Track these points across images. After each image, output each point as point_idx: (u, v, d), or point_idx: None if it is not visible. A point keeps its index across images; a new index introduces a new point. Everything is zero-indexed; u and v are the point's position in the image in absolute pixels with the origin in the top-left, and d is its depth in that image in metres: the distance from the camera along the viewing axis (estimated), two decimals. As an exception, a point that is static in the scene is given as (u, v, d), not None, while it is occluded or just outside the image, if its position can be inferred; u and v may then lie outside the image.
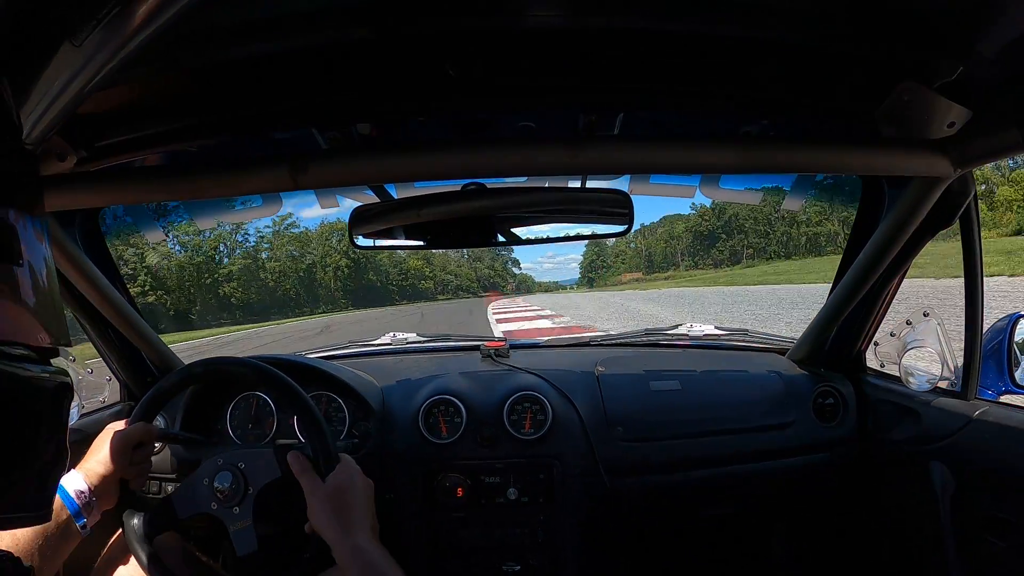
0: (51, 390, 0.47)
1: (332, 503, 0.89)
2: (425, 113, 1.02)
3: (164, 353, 1.45)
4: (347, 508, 0.89)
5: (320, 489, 0.91)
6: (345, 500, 0.90)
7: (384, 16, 0.75)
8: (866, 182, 1.34)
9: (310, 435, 0.98)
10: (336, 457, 0.96)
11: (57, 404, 0.48)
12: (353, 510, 0.89)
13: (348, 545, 0.85)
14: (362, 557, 0.83)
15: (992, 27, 0.70)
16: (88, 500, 0.94)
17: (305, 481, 0.92)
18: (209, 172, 0.89)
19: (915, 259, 1.27)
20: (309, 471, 0.93)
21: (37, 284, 0.46)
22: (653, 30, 0.80)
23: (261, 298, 59.40)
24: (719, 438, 1.44)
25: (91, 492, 0.95)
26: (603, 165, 0.92)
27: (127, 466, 0.99)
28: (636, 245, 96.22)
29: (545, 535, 1.38)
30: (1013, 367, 1.24)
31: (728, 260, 76.64)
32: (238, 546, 0.96)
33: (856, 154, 0.92)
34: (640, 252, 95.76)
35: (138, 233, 1.45)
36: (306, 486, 0.92)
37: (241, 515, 0.97)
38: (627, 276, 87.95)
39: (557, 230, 1.31)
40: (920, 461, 1.24)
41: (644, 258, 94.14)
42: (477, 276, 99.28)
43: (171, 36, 0.53)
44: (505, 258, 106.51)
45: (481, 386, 1.46)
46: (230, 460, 0.99)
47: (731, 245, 79.18)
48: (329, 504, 0.89)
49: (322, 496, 0.90)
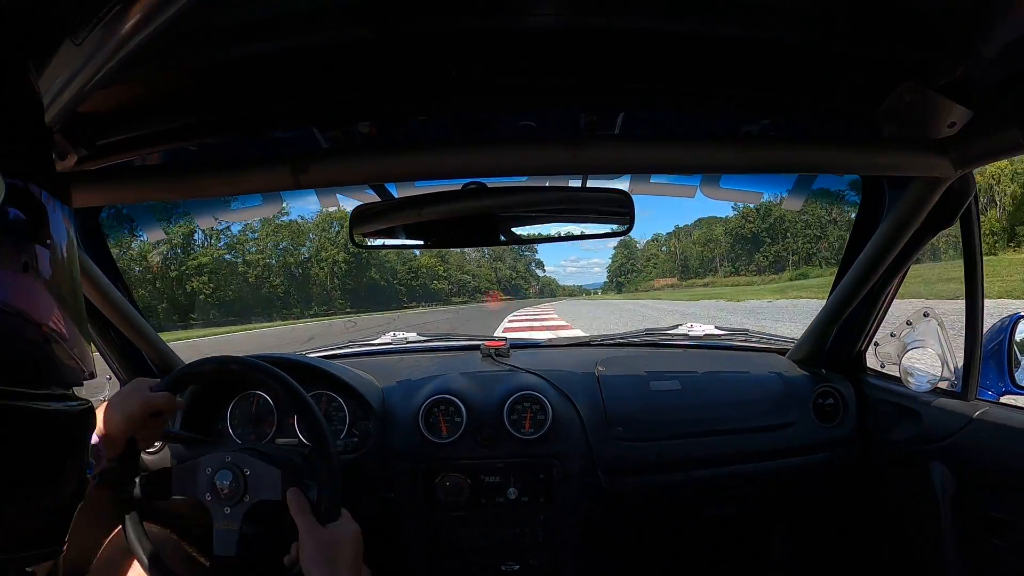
0: (76, 419, 0.46)
1: (326, 550, 0.89)
2: (426, 113, 1.02)
3: (164, 352, 1.45)
4: (339, 559, 0.89)
5: (316, 533, 0.90)
6: (339, 551, 0.89)
7: (385, 16, 0.75)
8: (867, 182, 1.34)
9: (321, 481, 0.96)
10: (339, 510, 0.95)
11: (81, 434, 0.47)
12: (345, 561, 0.89)
13: None
14: None
15: (993, 27, 0.70)
16: (98, 447, 0.94)
17: (301, 522, 0.91)
18: (210, 171, 0.89)
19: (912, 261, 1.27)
20: (307, 513, 0.92)
21: (61, 271, 0.46)
22: (654, 30, 0.80)
23: (240, 296, 51.24)
24: (719, 438, 1.44)
25: (102, 440, 0.95)
26: (604, 165, 0.92)
27: (141, 428, 0.99)
28: (669, 248, 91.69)
29: (545, 535, 1.38)
30: (1013, 368, 1.24)
31: (771, 267, 70.49)
32: (217, 544, 0.96)
33: (857, 154, 0.92)
34: (674, 256, 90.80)
35: (138, 232, 1.45)
36: (302, 526, 0.91)
37: (230, 517, 0.96)
38: (660, 282, 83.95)
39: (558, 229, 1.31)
40: (920, 461, 1.24)
41: (679, 263, 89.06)
42: (497, 277, 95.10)
43: (171, 35, 0.53)
44: (528, 259, 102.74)
45: (481, 386, 1.46)
46: (237, 462, 0.98)
47: (776, 250, 71.85)
48: (322, 550, 0.89)
49: (317, 540, 0.89)
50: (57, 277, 0.44)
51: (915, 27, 0.75)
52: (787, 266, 69.06)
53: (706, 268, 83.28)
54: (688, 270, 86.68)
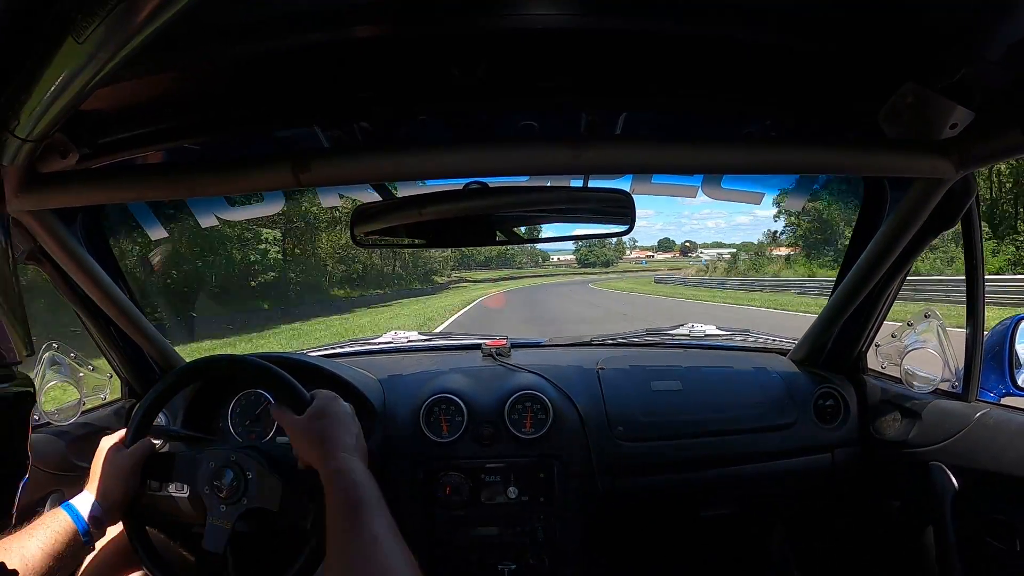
0: (10, 401, 0.46)
1: (311, 432, 0.90)
2: (428, 112, 1.02)
3: (166, 351, 1.45)
4: (327, 434, 0.89)
5: (298, 422, 0.92)
6: (323, 426, 0.90)
7: (387, 16, 0.75)
8: (868, 183, 1.34)
9: (276, 389, 0.99)
10: (306, 396, 0.97)
11: (17, 415, 0.47)
12: (333, 434, 0.89)
13: (328, 470, 0.84)
14: (343, 479, 0.82)
15: (995, 29, 0.70)
16: (99, 519, 0.94)
17: (286, 421, 0.93)
18: (212, 170, 0.89)
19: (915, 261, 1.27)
20: (288, 412, 0.94)
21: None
22: (655, 31, 0.80)
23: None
24: (719, 438, 1.44)
25: (102, 512, 0.94)
26: (605, 165, 0.92)
27: (137, 488, 0.99)
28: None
29: (545, 534, 1.38)
30: (1014, 369, 1.24)
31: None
32: (207, 539, 0.96)
33: (858, 155, 0.92)
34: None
35: (141, 230, 1.45)
36: (287, 425, 0.93)
37: (225, 515, 0.96)
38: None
39: (559, 229, 1.32)
40: (920, 463, 1.24)
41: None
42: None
43: (173, 33, 0.53)
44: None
45: (482, 385, 1.46)
46: (240, 462, 0.97)
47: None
48: (308, 433, 0.90)
49: (301, 427, 0.91)
50: None
51: (917, 29, 0.75)
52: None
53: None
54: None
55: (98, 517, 0.94)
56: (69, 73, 0.55)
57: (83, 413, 1.33)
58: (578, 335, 1.92)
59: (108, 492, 0.96)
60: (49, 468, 1.26)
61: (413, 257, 43.17)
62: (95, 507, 0.94)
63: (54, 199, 0.89)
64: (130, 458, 0.99)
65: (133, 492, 0.98)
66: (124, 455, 0.99)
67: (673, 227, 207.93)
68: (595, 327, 12.79)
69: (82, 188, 0.89)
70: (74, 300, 1.26)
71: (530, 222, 1.22)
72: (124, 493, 0.97)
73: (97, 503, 0.94)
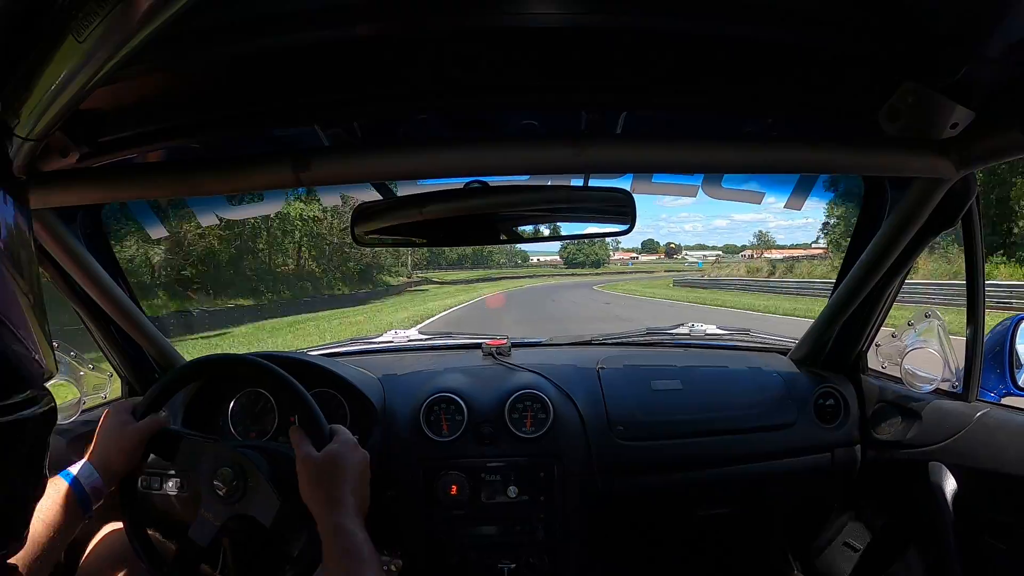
0: (40, 422, 0.45)
1: (320, 476, 0.89)
2: (428, 111, 1.02)
3: (165, 350, 1.45)
4: (335, 482, 0.88)
5: (311, 460, 0.90)
6: (334, 474, 0.89)
7: (388, 14, 0.75)
8: (868, 182, 1.33)
9: (299, 412, 0.98)
10: (326, 431, 0.95)
11: (41, 436, 0.47)
12: (341, 485, 0.88)
13: (331, 523, 0.84)
14: (343, 539, 0.82)
15: (996, 28, 0.70)
16: (97, 487, 0.94)
17: (300, 451, 0.92)
18: (211, 169, 0.89)
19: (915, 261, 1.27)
20: (306, 442, 0.93)
21: (20, 267, 0.45)
22: (656, 29, 0.80)
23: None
24: (720, 438, 1.44)
25: (101, 481, 0.95)
26: (606, 164, 0.92)
27: (138, 461, 0.99)
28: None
29: (545, 533, 1.38)
30: (1015, 369, 1.24)
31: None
32: (195, 530, 0.96)
33: (859, 154, 0.92)
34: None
35: (141, 229, 1.45)
36: (299, 456, 0.91)
37: (217, 512, 0.96)
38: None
39: (559, 228, 1.32)
40: (920, 462, 1.24)
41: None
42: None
43: (174, 32, 0.53)
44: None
45: (482, 384, 1.46)
46: (244, 464, 0.96)
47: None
48: (316, 477, 0.89)
49: (313, 467, 0.90)
50: (15, 274, 0.44)
51: (918, 28, 0.75)
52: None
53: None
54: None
55: (98, 487, 0.94)
56: (69, 72, 0.55)
57: (83, 412, 1.33)
58: (578, 335, 1.92)
59: (109, 463, 0.96)
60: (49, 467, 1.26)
61: (337, 248, 29.03)
62: (95, 477, 0.94)
63: (54, 198, 0.89)
64: (137, 433, 0.99)
65: (133, 465, 0.98)
66: (132, 428, 0.99)
67: (651, 230, 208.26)
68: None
69: (82, 187, 0.89)
70: (74, 299, 1.26)
71: (531, 221, 1.22)
72: (124, 465, 0.97)
73: (97, 473, 0.94)
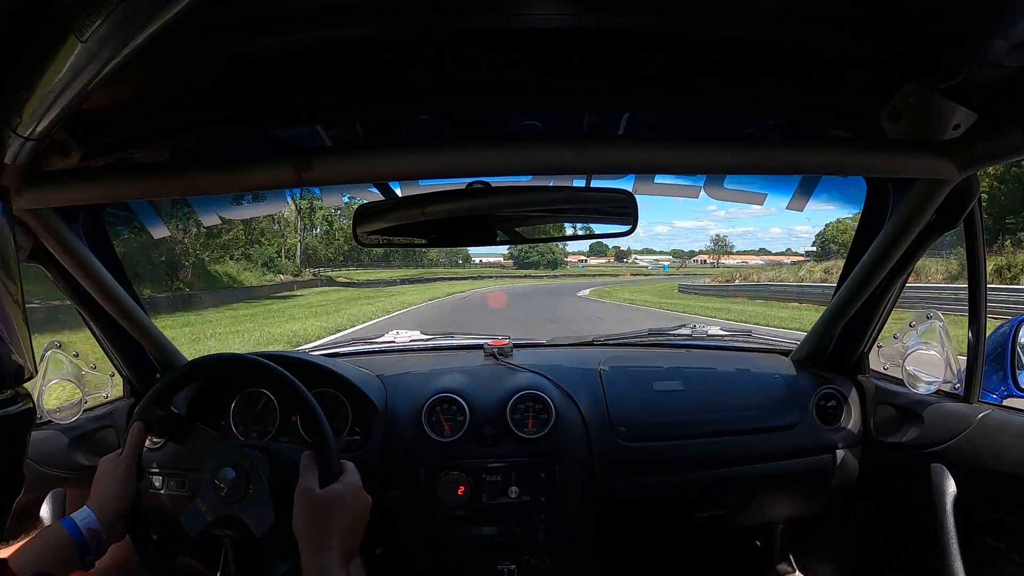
0: (18, 421, 0.45)
1: (315, 512, 0.88)
2: (430, 111, 1.02)
3: (167, 349, 1.45)
4: (328, 522, 0.87)
5: (311, 494, 0.89)
6: (330, 513, 0.88)
7: (389, 14, 0.75)
8: (871, 183, 1.33)
9: (315, 441, 0.97)
10: (336, 467, 0.94)
11: (19, 435, 0.46)
12: (335, 526, 0.87)
13: (314, 562, 0.83)
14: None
15: (998, 30, 0.70)
16: (97, 535, 0.93)
17: (302, 481, 0.91)
18: (214, 168, 0.89)
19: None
20: (312, 473, 0.92)
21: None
22: (657, 30, 0.80)
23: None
24: (721, 439, 1.44)
25: (101, 526, 0.93)
26: (608, 165, 0.92)
27: (135, 487, 0.99)
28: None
29: (546, 534, 1.38)
30: (1017, 371, 1.23)
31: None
32: (186, 518, 0.95)
33: (861, 155, 0.92)
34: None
35: (142, 229, 1.45)
36: (300, 485, 0.90)
37: (212, 507, 0.95)
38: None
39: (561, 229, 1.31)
40: (922, 464, 1.24)
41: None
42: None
43: (177, 31, 0.53)
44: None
45: (484, 385, 1.46)
46: (248, 467, 0.96)
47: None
48: (311, 512, 0.87)
49: (309, 501, 0.88)
50: None
51: (920, 29, 0.75)
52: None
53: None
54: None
55: (96, 531, 0.92)
56: (72, 71, 0.55)
57: (85, 412, 1.33)
58: (580, 335, 1.92)
59: (106, 502, 0.95)
60: (50, 467, 1.26)
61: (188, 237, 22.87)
62: (92, 520, 0.93)
63: (56, 197, 0.89)
64: (124, 460, 0.99)
65: (132, 495, 0.98)
66: (117, 460, 0.99)
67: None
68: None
69: (84, 186, 0.89)
70: (76, 299, 1.26)
71: (532, 222, 1.22)
72: (122, 498, 0.96)
73: (95, 516, 0.93)
